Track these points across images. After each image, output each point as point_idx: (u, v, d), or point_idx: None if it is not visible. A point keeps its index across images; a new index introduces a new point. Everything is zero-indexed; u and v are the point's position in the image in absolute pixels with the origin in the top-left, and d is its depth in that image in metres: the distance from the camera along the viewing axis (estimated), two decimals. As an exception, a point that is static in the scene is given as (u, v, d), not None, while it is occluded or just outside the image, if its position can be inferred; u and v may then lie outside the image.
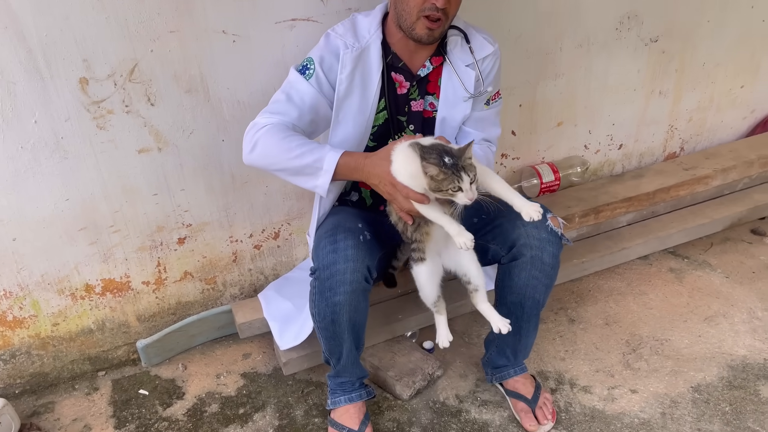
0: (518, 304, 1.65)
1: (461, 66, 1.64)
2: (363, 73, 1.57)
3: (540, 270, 1.59)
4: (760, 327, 2.07)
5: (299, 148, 1.45)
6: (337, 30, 1.57)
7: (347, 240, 1.50)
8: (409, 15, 1.49)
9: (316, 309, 1.54)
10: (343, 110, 1.58)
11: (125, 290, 1.94)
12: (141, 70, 1.66)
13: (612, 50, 2.31)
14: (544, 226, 1.57)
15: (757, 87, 2.76)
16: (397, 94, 1.65)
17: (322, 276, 1.50)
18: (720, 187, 2.54)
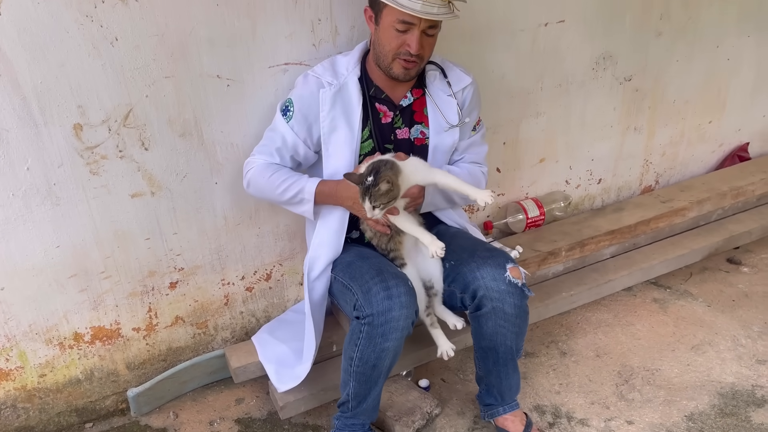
0: (492, 349, 1.70)
1: (443, 96, 1.74)
2: (345, 108, 1.65)
3: (504, 320, 1.63)
4: (745, 354, 2.13)
5: (283, 184, 1.66)
6: (316, 71, 1.66)
7: (399, 287, 1.53)
8: (385, 57, 1.60)
9: (360, 353, 1.54)
10: (331, 144, 1.67)
11: (115, 338, 1.90)
12: (136, 115, 1.66)
13: (589, 89, 2.40)
14: (502, 278, 1.61)
15: (724, 122, 2.88)
16: (381, 123, 1.71)
17: (376, 322, 1.50)
18: (696, 218, 2.63)
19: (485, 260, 1.64)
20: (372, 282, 1.54)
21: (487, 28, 2.07)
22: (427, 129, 1.75)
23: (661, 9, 2.40)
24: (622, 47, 2.39)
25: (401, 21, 1.52)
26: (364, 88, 1.67)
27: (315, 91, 1.63)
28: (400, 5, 1.48)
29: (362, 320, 1.52)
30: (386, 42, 1.58)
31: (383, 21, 1.56)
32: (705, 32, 2.56)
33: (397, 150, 1.73)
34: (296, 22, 1.76)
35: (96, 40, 1.54)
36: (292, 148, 1.68)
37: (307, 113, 1.64)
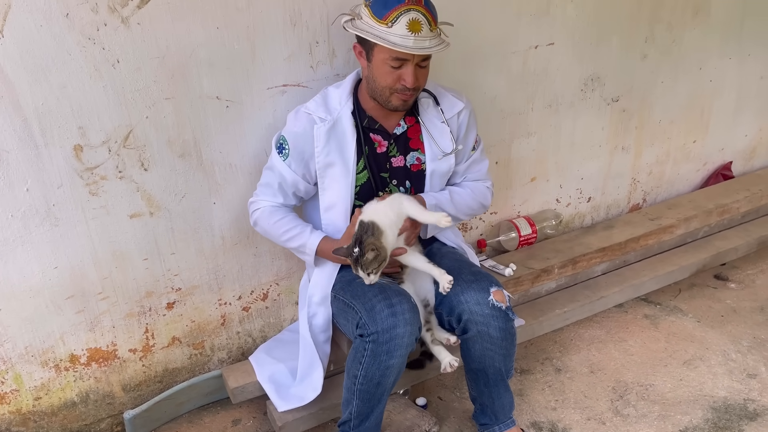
0: (481, 371, 1.72)
1: (437, 124, 1.75)
2: (339, 142, 1.67)
3: (490, 343, 1.65)
4: (736, 368, 2.16)
5: (288, 233, 1.72)
6: (309, 107, 1.67)
7: (403, 304, 1.54)
8: (382, 92, 1.62)
9: (364, 371, 1.54)
10: (326, 178, 1.69)
11: (111, 359, 1.88)
12: (136, 136, 1.67)
13: (578, 110, 2.46)
14: (486, 302, 1.62)
15: (708, 142, 2.96)
16: (377, 153, 1.73)
17: (380, 339, 1.51)
18: (683, 235, 2.68)
19: (469, 284, 1.65)
20: (376, 300, 1.55)
21: (479, 50, 2.12)
22: (423, 155, 1.77)
23: (646, 32, 2.47)
24: (609, 69, 2.45)
25: (395, 58, 1.54)
26: (357, 120, 1.69)
27: (308, 128, 1.65)
28: (392, 44, 1.50)
29: (366, 338, 1.53)
30: (381, 78, 1.59)
31: (375, 58, 1.57)
32: (688, 55, 2.64)
33: (393, 178, 1.76)
34: (294, 45, 1.79)
35: (98, 63, 1.56)
36: (292, 185, 1.71)
37: (303, 150, 1.66)
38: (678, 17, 2.52)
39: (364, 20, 1.54)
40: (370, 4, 1.53)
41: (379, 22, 1.51)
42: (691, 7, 2.53)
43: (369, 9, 1.53)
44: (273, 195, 1.73)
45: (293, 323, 2.14)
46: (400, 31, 1.50)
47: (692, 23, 2.57)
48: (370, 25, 1.53)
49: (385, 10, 1.50)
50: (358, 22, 1.56)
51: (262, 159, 1.85)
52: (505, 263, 2.29)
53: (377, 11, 1.51)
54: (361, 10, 1.56)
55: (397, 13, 1.49)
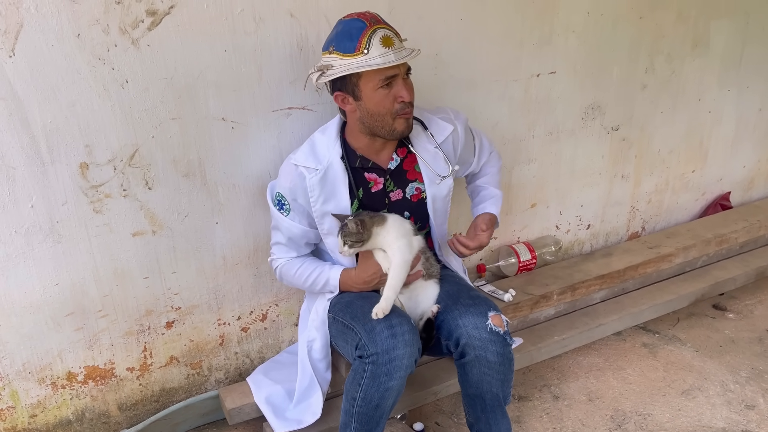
0: (479, 397, 1.71)
1: (430, 149, 1.76)
2: (332, 189, 1.68)
3: (488, 368, 1.65)
4: (734, 399, 2.16)
5: (309, 279, 1.77)
6: (298, 159, 1.67)
7: (403, 325, 1.54)
8: (384, 122, 1.61)
9: (363, 393, 1.54)
10: (325, 224, 1.71)
11: (108, 377, 1.88)
12: (141, 155, 1.69)
13: (579, 137, 2.48)
14: (484, 326, 1.62)
15: (706, 172, 2.98)
16: (372, 192, 1.74)
17: (380, 361, 1.51)
18: (682, 264, 2.69)
19: (467, 308, 1.65)
20: (375, 321, 1.56)
21: (481, 78, 2.15)
22: (422, 184, 1.78)
23: (646, 63, 2.51)
24: (609, 98, 2.49)
25: (384, 78, 1.54)
26: (346, 163, 1.69)
27: (299, 181, 1.66)
28: (378, 65, 1.50)
29: (366, 359, 1.53)
30: (380, 107, 1.58)
31: (365, 91, 1.57)
32: (687, 86, 2.68)
33: (393, 211, 1.76)
34: (301, 68, 1.82)
35: (107, 82, 1.58)
36: (302, 237, 1.75)
37: (301, 202, 1.69)
38: (677, 49, 2.56)
39: (336, 64, 1.53)
40: (333, 49, 1.53)
41: (354, 56, 1.51)
42: (690, 40, 2.58)
43: (336, 52, 1.53)
44: (286, 251, 1.78)
45: (292, 345, 2.13)
46: (378, 51, 1.51)
47: (692, 55, 2.62)
48: (345, 64, 1.52)
49: (353, 42, 1.51)
50: (331, 71, 1.55)
51: (265, 180, 1.87)
52: (504, 288, 2.29)
53: (346, 48, 1.52)
54: (328, 60, 1.55)
55: (366, 38, 1.51)
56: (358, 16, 1.54)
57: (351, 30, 1.52)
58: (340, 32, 1.53)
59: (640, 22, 2.41)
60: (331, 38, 1.56)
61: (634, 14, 2.38)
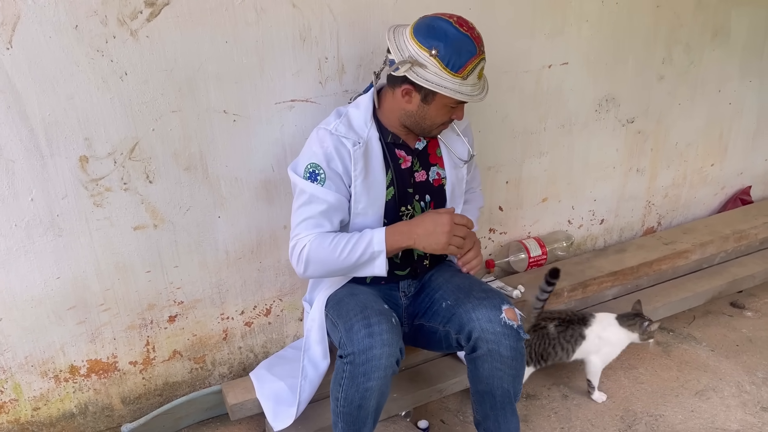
0: (488, 393, 1.67)
1: (452, 137, 1.78)
2: (372, 164, 1.65)
3: (500, 362, 1.61)
4: (750, 401, 2.09)
5: (347, 246, 1.57)
6: (339, 129, 1.62)
7: (382, 324, 1.51)
8: (430, 126, 1.65)
9: (344, 394, 1.51)
10: (361, 202, 1.65)
11: (111, 371, 1.87)
12: (141, 148, 1.67)
13: (592, 130, 2.42)
14: (497, 320, 1.59)
15: (726, 165, 2.90)
16: (402, 168, 1.72)
17: (357, 361, 1.48)
18: (699, 261, 2.61)
19: (481, 301, 1.62)
20: (355, 319, 1.53)
21: (491, 69, 2.07)
22: (442, 170, 1.78)
23: (663, 53, 2.43)
24: (624, 90, 2.41)
25: (458, 101, 1.57)
26: (381, 139, 1.68)
27: (340, 148, 1.60)
28: (469, 96, 1.54)
29: (345, 359, 1.50)
30: (436, 118, 1.61)
31: (437, 103, 1.57)
32: (707, 77, 2.59)
33: (416, 193, 1.74)
34: (303, 60, 1.78)
35: (106, 74, 1.56)
36: (339, 207, 1.62)
37: (337, 169, 1.61)
38: (696, 39, 2.48)
39: (431, 70, 1.50)
40: (438, 55, 1.49)
41: (454, 75, 1.50)
42: (710, 29, 2.49)
43: (438, 60, 1.48)
44: (316, 225, 1.61)
45: (297, 340, 2.11)
46: (472, 82, 1.53)
47: (711, 45, 2.53)
48: (441, 76, 1.50)
49: (459, 62, 1.49)
50: (421, 71, 1.51)
51: (268, 174, 1.85)
52: (513, 285, 2.25)
53: (452, 64, 1.49)
54: (424, 59, 1.50)
55: (472, 66, 1.51)
56: (468, 32, 1.50)
57: (461, 49, 1.49)
58: (451, 43, 1.48)
59: (657, 10, 2.33)
60: (435, 37, 1.49)
61: (650, 2, 2.30)
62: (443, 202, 1.80)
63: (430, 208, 1.78)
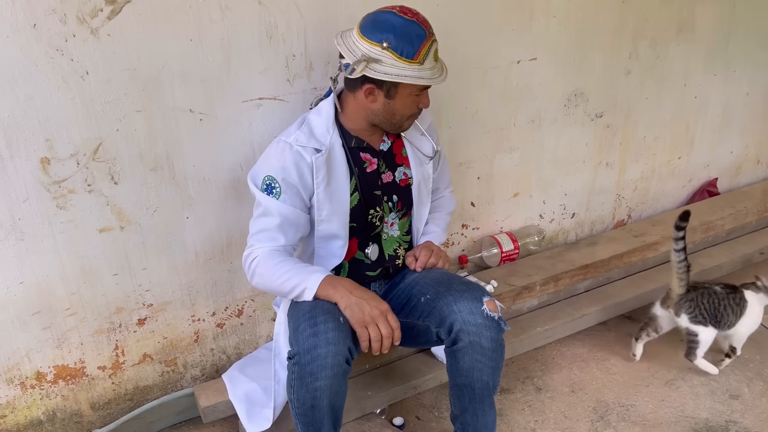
0: (468, 386, 1.67)
1: (417, 135, 1.79)
2: (334, 171, 1.65)
3: (481, 354, 1.62)
4: (718, 389, 2.13)
5: (284, 275, 1.58)
6: (300, 140, 1.61)
7: (327, 323, 1.49)
8: (400, 120, 1.65)
9: (295, 395, 1.49)
10: (325, 209, 1.65)
11: (79, 377, 1.84)
12: (105, 149, 1.64)
13: (561, 125, 2.44)
14: (479, 311, 1.60)
15: (693, 158, 2.94)
16: (367, 172, 1.72)
17: (302, 361, 1.46)
18: (667, 252, 2.64)
19: (462, 294, 1.63)
20: (302, 319, 1.53)
21: (460, 65, 2.09)
22: (408, 170, 1.79)
23: (629, 48, 2.46)
24: (592, 85, 2.44)
25: (422, 88, 1.59)
26: (345, 144, 1.68)
27: (299, 161, 1.59)
28: (430, 80, 1.55)
29: (292, 360, 1.49)
30: (405, 110, 1.62)
31: (400, 94, 1.58)
32: (673, 71, 2.63)
33: (384, 194, 1.74)
34: (271, 58, 1.76)
35: (66, 74, 1.53)
36: (294, 222, 1.63)
37: (296, 182, 1.60)
38: (662, 34, 2.51)
39: (387, 63, 1.50)
40: (390, 46, 1.49)
41: (410, 63, 1.51)
42: (675, 24, 2.53)
43: (392, 51, 1.49)
44: (272, 239, 1.62)
45: (270, 341, 2.10)
46: (430, 65, 1.55)
47: (676, 39, 2.57)
48: (399, 67, 1.50)
49: (413, 49, 1.50)
50: (378, 66, 1.51)
51: (236, 173, 1.83)
52: (486, 280, 2.26)
53: (406, 52, 1.50)
54: (377, 54, 1.50)
55: (425, 49, 1.52)
56: (413, 18, 1.52)
57: (411, 35, 1.50)
58: (400, 32, 1.49)
59: (623, 6, 2.36)
60: (382, 30, 1.50)
61: (616, -2, 2.33)
62: (410, 201, 1.80)
63: (397, 209, 1.78)
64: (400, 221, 1.82)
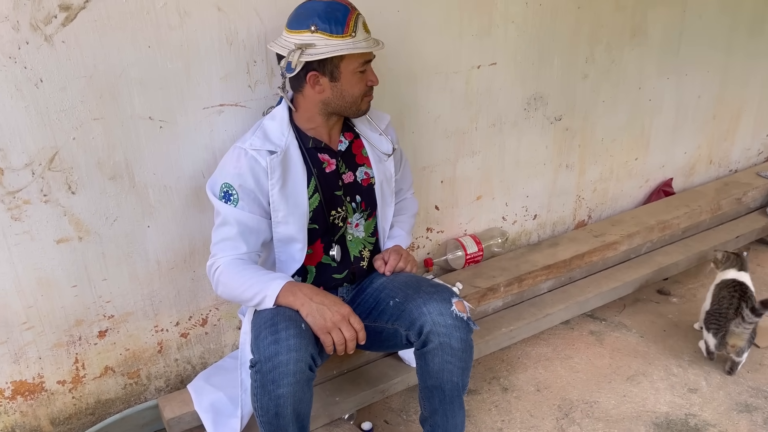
0: (438, 387, 1.68)
1: (375, 136, 1.81)
2: (290, 172, 1.65)
3: (451, 355, 1.63)
4: (677, 383, 2.19)
5: (245, 283, 1.58)
6: (254, 144, 1.61)
7: (289, 329, 1.48)
8: (354, 102, 1.66)
9: (259, 403, 1.48)
10: (281, 210, 1.64)
11: (38, 392, 1.79)
12: (62, 158, 1.60)
13: (522, 128, 2.48)
14: (449, 312, 1.62)
15: (649, 159, 3.03)
16: (326, 173, 1.72)
17: (264, 369, 1.45)
18: (627, 251, 2.72)
19: (431, 295, 1.65)
20: (263, 327, 1.52)
21: (422, 70, 2.12)
22: (370, 169, 1.80)
23: (586, 53, 2.52)
24: (551, 89, 2.49)
25: (364, 62, 1.61)
26: (301, 145, 1.68)
27: (254, 166, 1.59)
28: (364, 48, 1.57)
29: (254, 368, 1.48)
30: (353, 89, 1.63)
31: (345, 72, 1.59)
32: (627, 75, 2.71)
33: (346, 195, 1.75)
34: (231, 64, 1.75)
35: (19, 82, 1.49)
36: (254, 228, 1.63)
37: (253, 188, 1.60)
38: (616, 38, 2.58)
39: (320, 43, 1.53)
40: (319, 28, 1.53)
41: (342, 38, 1.54)
42: (628, 29, 2.60)
43: (321, 32, 1.53)
44: (233, 247, 1.61)
45: (236, 350, 2.07)
46: (362, 36, 1.58)
47: (630, 44, 2.64)
48: (333, 44, 1.54)
49: (341, 24, 1.54)
50: (313, 50, 1.53)
51: (198, 181, 1.80)
52: (451, 282, 2.28)
53: (334, 29, 1.53)
54: (309, 39, 1.54)
55: (353, 22, 1.55)
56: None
57: (335, 12, 1.54)
58: (323, 13, 1.53)
59: (578, 11, 2.42)
60: (306, 17, 1.54)
61: (572, 4, 2.38)
62: (373, 201, 1.81)
63: (361, 209, 1.79)
64: (366, 222, 1.82)
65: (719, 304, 2.19)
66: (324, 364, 1.89)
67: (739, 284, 2.20)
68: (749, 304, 2.09)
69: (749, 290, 2.18)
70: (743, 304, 2.11)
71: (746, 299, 2.13)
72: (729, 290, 2.19)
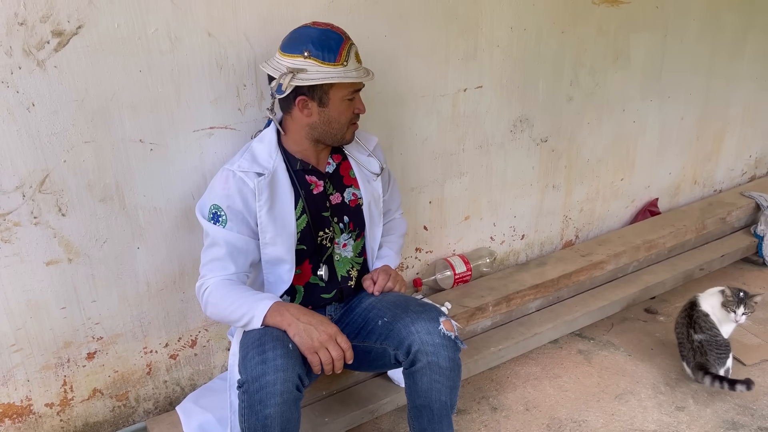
0: (427, 407, 1.69)
1: (363, 157, 1.84)
2: (278, 194, 1.68)
3: (439, 374, 1.64)
4: (665, 401, 2.21)
5: (233, 304, 1.59)
6: (242, 166, 1.64)
7: (276, 349, 1.49)
8: (340, 129, 1.68)
9: (246, 424, 1.48)
10: (269, 232, 1.67)
11: (26, 414, 1.78)
12: (52, 180, 1.62)
13: (508, 150, 2.52)
14: (436, 331, 1.63)
15: (635, 180, 3.08)
16: (314, 194, 1.74)
17: (251, 389, 1.46)
18: (614, 270, 2.75)
19: (419, 315, 1.66)
20: (251, 347, 1.53)
21: (409, 93, 2.16)
22: (358, 190, 1.82)
23: (570, 76, 2.58)
24: (537, 111, 2.54)
25: (352, 91, 1.64)
26: (289, 168, 1.71)
27: (242, 188, 1.62)
28: (355, 78, 1.61)
29: (241, 388, 1.49)
30: (341, 116, 1.66)
31: (333, 99, 1.63)
32: (611, 97, 2.76)
33: (333, 216, 1.77)
34: (221, 87, 1.78)
35: (11, 106, 1.51)
36: (242, 249, 1.65)
37: (241, 209, 1.63)
38: (599, 62, 2.64)
39: (312, 69, 1.57)
40: (312, 54, 1.57)
41: (334, 66, 1.58)
42: (611, 53, 2.66)
43: (314, 59, 1.57)
44: (222, 267, 1.63)
45: (225, 371, 2.07)
46: (354, 65, 1.62)
47: (613, 67, 2.70)
48: (324, 71, 1.57)
49: (334, 52, 1.58)
50: (304, 75, 1.57)
51: (188, 202, 1.82)
52: (440, 302, 2.29)
53: (327, 57, 1.57)
54: (301, 64, 1.57)
55: (345, 51, 1.59)
56: (327, 27, 1.61)
57: (329, 40, 1.58)
58: (317, 40, 1.57)
59: (562, 36, 2.48)
60: (301, 42, 1.58)
61: (556, 29, 2.44)
62: (362, 222, 1.83)
63: (349, 229, 1.81)
64: (354, 242, 1.85)
65: (678, 333, 2.28)
66: (313, 385, 1.90)
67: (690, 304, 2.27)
68: (696, 328, 2.19)
69: (696, 311, 2.23)
70: (690, 331, 2.20)
71: (692, 324, 2.21)
72: (681, 316, 2.28)
